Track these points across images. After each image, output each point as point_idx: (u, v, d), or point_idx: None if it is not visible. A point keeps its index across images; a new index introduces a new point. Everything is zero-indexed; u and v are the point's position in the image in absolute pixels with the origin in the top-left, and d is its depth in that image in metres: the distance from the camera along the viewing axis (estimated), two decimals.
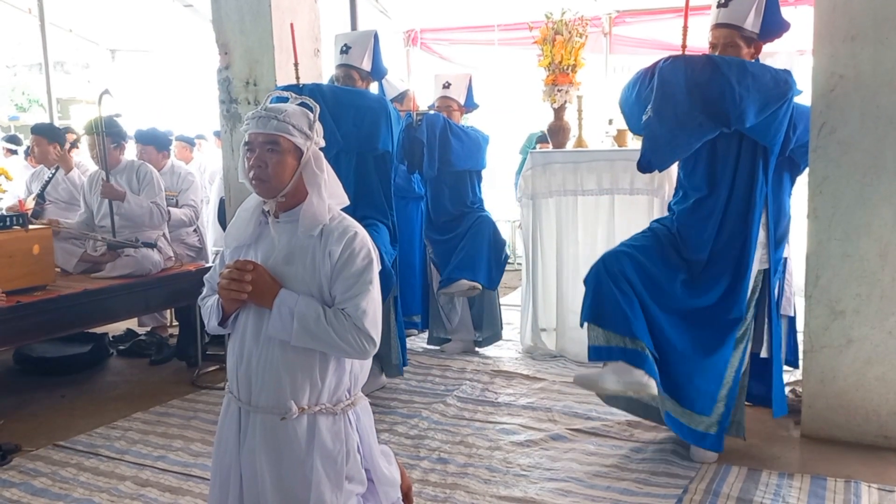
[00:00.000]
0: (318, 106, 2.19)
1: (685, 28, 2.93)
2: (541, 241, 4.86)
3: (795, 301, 3.83)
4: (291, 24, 3.85)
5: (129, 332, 5.40)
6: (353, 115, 3.73)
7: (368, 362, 2.22)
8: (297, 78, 3.79)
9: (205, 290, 2.28)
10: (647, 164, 2.95)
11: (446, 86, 4.90)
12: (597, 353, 3.02)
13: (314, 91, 3.65)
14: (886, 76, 3.10)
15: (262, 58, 4.39)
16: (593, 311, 3.01)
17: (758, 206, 3.02)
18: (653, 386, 2.94)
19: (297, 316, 1.97)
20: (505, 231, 8.57)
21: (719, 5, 2.96)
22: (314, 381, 2.05)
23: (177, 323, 5.28)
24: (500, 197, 8.50)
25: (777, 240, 3.27)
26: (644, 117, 2.88)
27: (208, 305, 2.19)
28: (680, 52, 2.91)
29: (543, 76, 4.89)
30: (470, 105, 5.00)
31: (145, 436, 3.56)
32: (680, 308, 3.05)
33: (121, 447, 3.43)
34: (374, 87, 4.45)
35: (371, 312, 2.02)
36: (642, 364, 2.90)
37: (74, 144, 5.81)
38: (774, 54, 3.66)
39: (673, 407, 3.04)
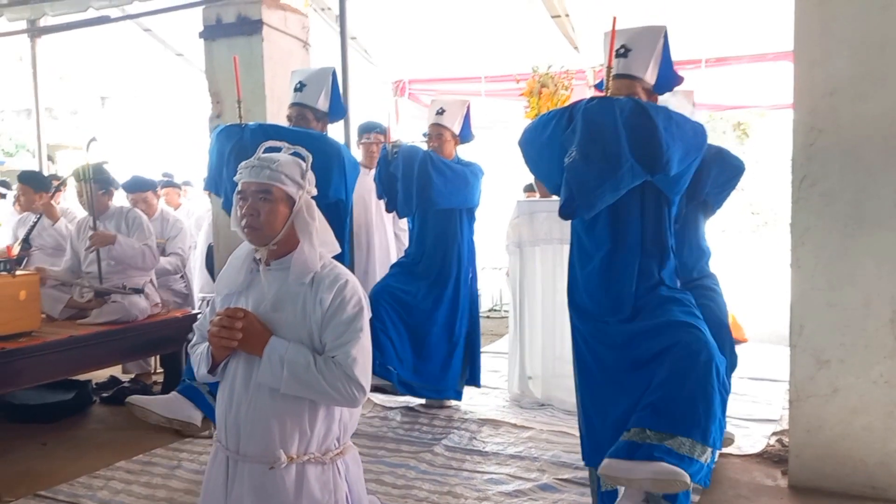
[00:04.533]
0: (310, 156, 2.23)
1: (609, 69, 2.79)
2: (528, 288, 4.88)
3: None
4: (235, 58, 3.68)
5: (113, 380, 5.34)
6: None
7: (358, 411, 2.22)
8: (241, 117, 3.60)
9: (195, 338, 2.29)
10: (573, 208, 2.72)
11: (440, 112, 4.51)
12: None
13: (256, 131, 3.46)
14: (865, 130, 3.18)
15: (253, 107, 4.45)
16: None
17: (671, 255, 2.89)
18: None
19: (288, 363, 1.98)
20: (489, 279, 8.62)
21: (619, 55, 2.83)
22: (303, 430, 2.05)
23: (161, 370, 5.23)
24: (486, 244, 8.55)
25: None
26: (567, 159, 2.68)
27: (198, 353, 2.19)
28: (602, 94, 2.80)
29: None
30: (465, 136, 4.63)
31: (128, 485, 3.50)
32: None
33: (103, 497, 3.36)
34: (337, 128, 4.26)
35: (361, 360, 2.03)
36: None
37: (58, 188, 5.79)
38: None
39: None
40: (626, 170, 2.63)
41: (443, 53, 8.15)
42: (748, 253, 12.03)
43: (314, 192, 2.21)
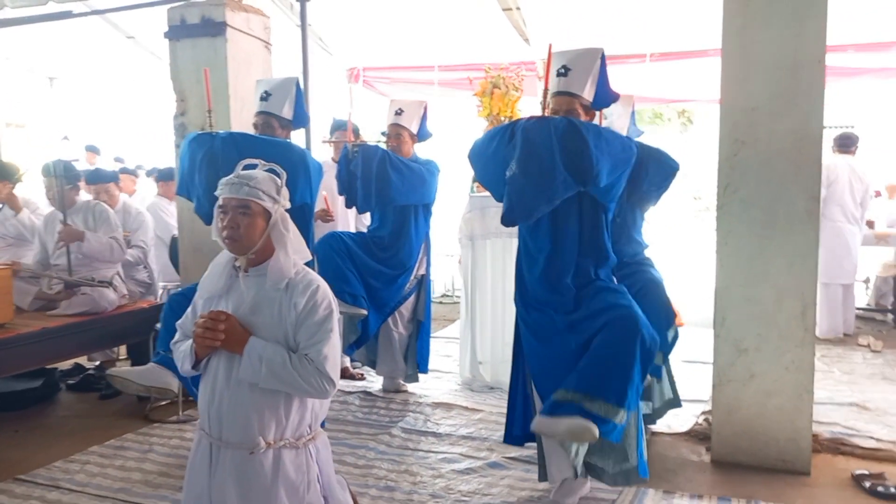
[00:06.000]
0: (284, 173, 2.47)
1: (546, 91, 3.09)
2: (479, 279, 5.18)
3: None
4: (206, 70, 3.85)
5: (78, 367, 5.48)
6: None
7: (327, 401, 2.49)
8: (211, 126, 3.77)
9: (177, 335, 2.52)
10: (513, 217, 3.05)
11: (398, 112, 4.70)
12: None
13: (227, 139, 3.62)
14: (779, 144, 3.54)
15: (217, 106, 4.58)
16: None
17: (608, 256, 3.24)
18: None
19: (266, 361, 2.23)
20: (442, 266, 8.89)
21: (559, 74, 3.10)
22: (279, 419, 2.31)
23: (125, 357, 5.39)
24: (438, 232, 8.81)
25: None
26: (508, 173, 2.98)
27: (181, 350, 2.42)
28: (541, 114, 3.07)
29: (484, 125, 5.25)
30: (423, 135, 4.82)
31: (104, 469, 3.71)
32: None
33: (81, 480, 3.57)
34: (300, 135, 4.45)
35: (332, 357, 2.29)
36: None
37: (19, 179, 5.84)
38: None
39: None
40: (560, 182, 2.96)
41: (397, 42, 8.33)
42: (690, 237, 12.49)
43: (288, 205, 2.44)
